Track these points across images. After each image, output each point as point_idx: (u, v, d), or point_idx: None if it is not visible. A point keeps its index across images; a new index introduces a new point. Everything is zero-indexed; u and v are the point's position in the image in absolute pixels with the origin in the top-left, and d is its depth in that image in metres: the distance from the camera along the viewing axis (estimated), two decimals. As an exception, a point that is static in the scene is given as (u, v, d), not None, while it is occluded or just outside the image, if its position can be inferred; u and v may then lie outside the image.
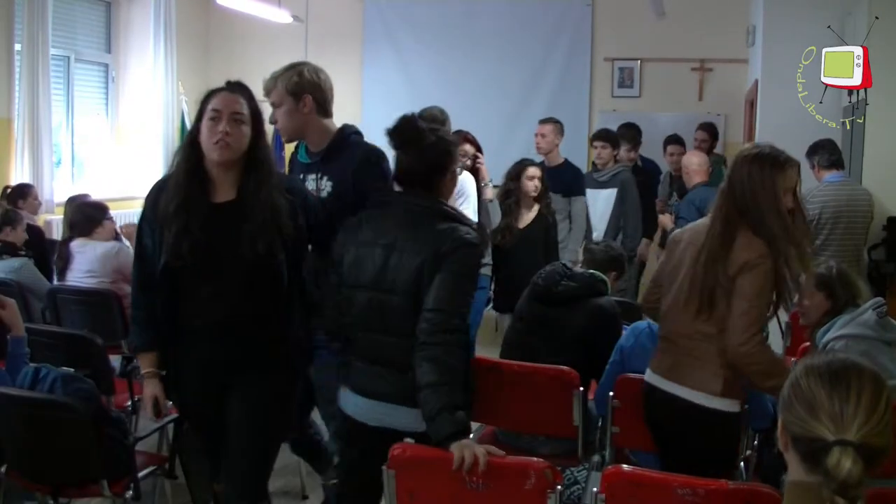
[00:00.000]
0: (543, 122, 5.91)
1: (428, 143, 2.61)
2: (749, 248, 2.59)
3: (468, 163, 4.86)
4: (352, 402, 2.68)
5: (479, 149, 5.03)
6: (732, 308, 2.57)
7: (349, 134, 3.10)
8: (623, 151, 6.56)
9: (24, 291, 4.78)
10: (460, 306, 2.50)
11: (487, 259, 4.96)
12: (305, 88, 3.07)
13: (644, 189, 6.37)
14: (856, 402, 1.44)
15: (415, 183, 2.62)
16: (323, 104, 3.09)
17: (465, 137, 4.96)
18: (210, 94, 2.70)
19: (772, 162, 2.74)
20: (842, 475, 1.39)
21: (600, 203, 6.11)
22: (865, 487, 1.41)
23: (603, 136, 6.28)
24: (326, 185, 3.03)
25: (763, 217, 2.62)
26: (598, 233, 5.97)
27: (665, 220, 6.16)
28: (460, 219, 2.63)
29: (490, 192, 5.10)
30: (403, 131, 2.62)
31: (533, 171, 5.16)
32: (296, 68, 3.15)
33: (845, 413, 1.43)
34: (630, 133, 6.85)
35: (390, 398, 2.58)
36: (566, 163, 5.83)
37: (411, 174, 2.62)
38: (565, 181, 5.64)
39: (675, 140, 6.98)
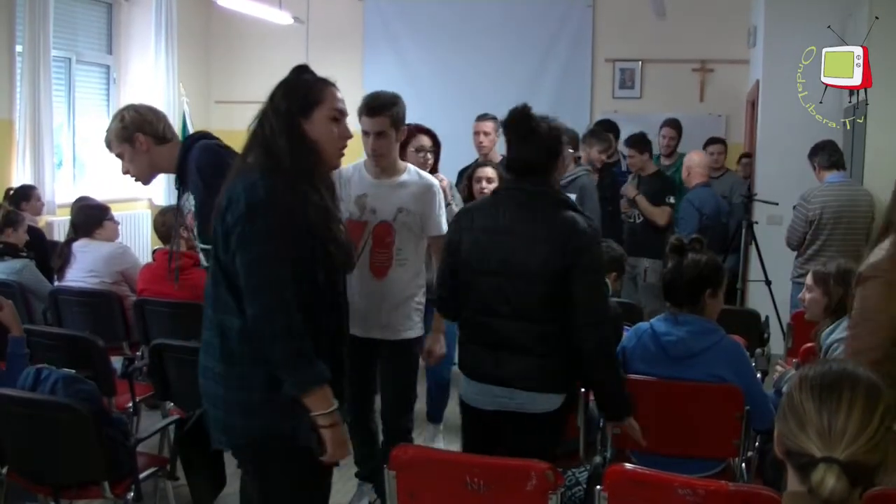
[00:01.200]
0: (483, 118, 5.47)
1: (542, 133, 2.84)
2: None
3: (429, 158, 4.41)
4: (469, 389, 2.90)
5: (437, 142, 4.53)
6: None
7: (190, 145, 3.04)
8: (595, 152, 6.23)
9: (26, 293, 4.79)
10: (603, 299, 2.78)
11: None
12: (132, 130, 3.07)
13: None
14: (845, 418, 1.41)
15: (529, 171, 2.80)
16: (155, 135, 3.08)
17: (420, 129, 4.41)
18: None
19: None
20: (825, 493, 1.37)
21: None
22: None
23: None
24: (189, 201, 3.02)
25: None
26: None
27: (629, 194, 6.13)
28: (574, 206, 2.84)
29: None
30: (519, 124, 2.87)
31: (483, 171, 4.72)
32: (117, 116, 3.15)
33: (833, 429, 1.40)
34: (601, 132, 6.51)
35: (514, 382, 2.77)
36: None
37: (529, 163, 2.81)
38: None
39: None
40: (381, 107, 3.40)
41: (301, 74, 2.41)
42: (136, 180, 3.15)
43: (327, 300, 2.32)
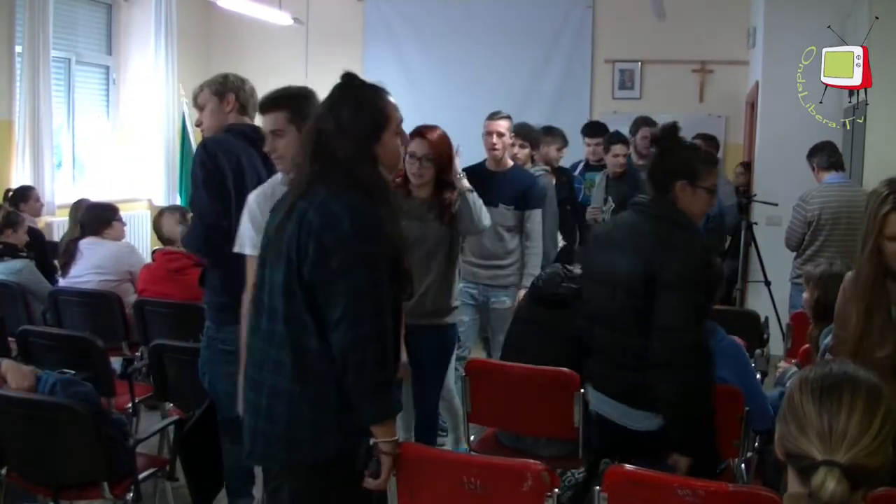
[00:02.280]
0: (496, 116, 4.79)
1: (675, 151, 2.85)
2: None
3: (424, 167, 4.32)
4: (593, 398, 2.96)
5: (441, 150, 4.50)
6: None
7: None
8: (553, 150, 5.85)
9: (25, 293, 4.80)
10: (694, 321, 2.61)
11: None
12: (229, 88, 3.38)
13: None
14: (846, 420, 1.40)
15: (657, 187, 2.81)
16: (244, 104, 3.36)
17: (420, 131, 4.29)
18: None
19: None
20: (825, 497, 1.36)
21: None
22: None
23: (516, 132, 5.12)
24: None
25: None
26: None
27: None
28: (690, 227, 2.78)
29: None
30: (664, 137, 2.92)
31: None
32: (222, 74, 3.46)
33: (834, 431, 1.40)
34: (559, 130, 6.07)
35: (619, 397, 2.80)
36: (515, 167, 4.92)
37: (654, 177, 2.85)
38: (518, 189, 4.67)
39: (620, 139, 6.11)
40: (276, 100, 2.89)
41: (358, 90, 2.32)
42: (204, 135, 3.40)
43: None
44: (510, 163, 4.81)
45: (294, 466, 2.30)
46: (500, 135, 4.66)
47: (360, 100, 2.29)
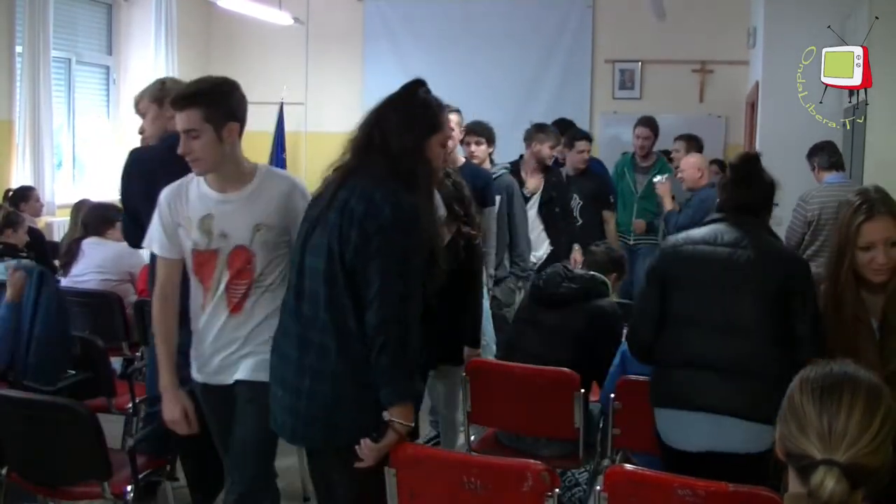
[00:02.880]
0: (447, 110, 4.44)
1: (766, 180, 2.81)
2: None
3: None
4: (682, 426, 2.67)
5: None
6: None
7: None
8: (546, 148, 5.51)
9: (25, 293, 4.79)
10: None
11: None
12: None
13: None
14: (846, 420, 1.40)
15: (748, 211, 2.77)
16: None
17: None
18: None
19: None
20: (824, 496, 1.36)
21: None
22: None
23: (472, 129, 4.90)
24: None
25: None
26: None
27: (576, 255, 5.25)
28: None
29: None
30: (745, 166, 2.84)
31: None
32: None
33: (834, 431, 1.40)
34: (550, 127, 5.68)
35: (743, 412, 2.56)
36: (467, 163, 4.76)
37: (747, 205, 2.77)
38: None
39: (584, 135, 6.11)
40: (189, 97, 2.63)
41: (423, 94, 2.46)
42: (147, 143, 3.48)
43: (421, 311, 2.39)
44: (461, 160, 4.69)
45: (333, 446, 2.42)
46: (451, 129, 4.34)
47: (420, 101, 2.44)
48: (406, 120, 2.38)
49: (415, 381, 2.36)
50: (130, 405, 4.02)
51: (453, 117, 4.56)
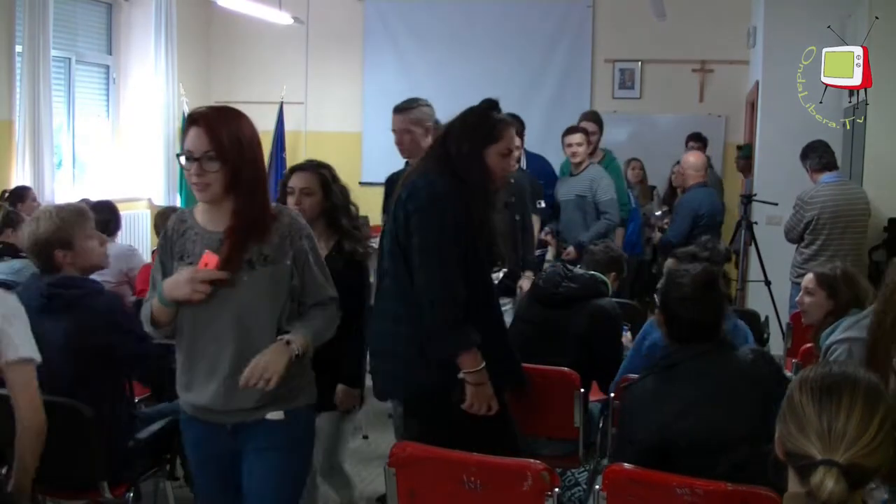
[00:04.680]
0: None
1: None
2: None
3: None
4: None
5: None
6: None
7: None
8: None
9: (25, 293, 4.79)
10: None
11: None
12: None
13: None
14: (845, 420, 1.41)
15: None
16: None
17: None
18: None
19: None
20: (823, 496, 1.37)
21: None
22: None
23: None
24: None
25: None
26: None
27: (524, 283, 4.33)
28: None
29: None
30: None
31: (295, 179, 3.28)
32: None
33: (833, 431, 1.40)
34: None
35: None
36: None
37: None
38: None
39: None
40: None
41: (490, 111, 2.85)
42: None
43: (482, 294, 2.78)
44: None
45: (412, 398, 2.87)
46: (407, 132, 3.92)
47: (483, 115, 2.84)
48: (466, 129, 2.80)
49: (467, 331, 2.63)
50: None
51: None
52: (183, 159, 2.30)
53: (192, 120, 2.32)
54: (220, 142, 2.26)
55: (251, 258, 2.31)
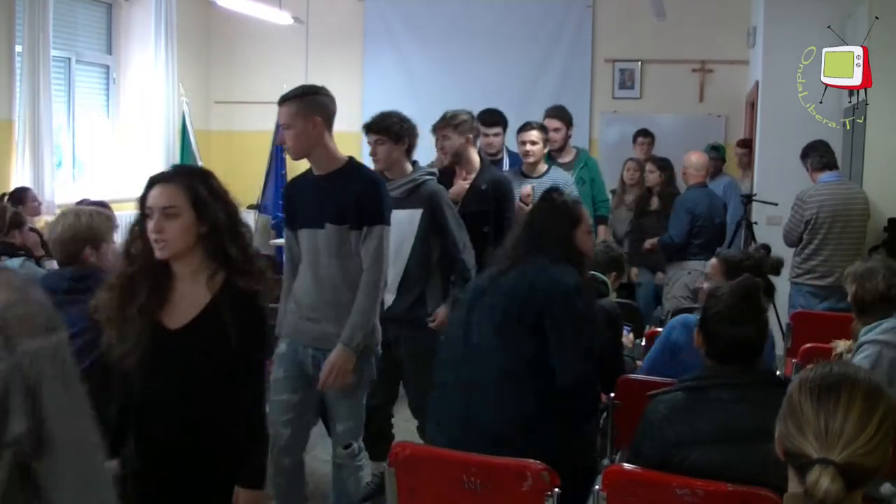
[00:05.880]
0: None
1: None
2: None
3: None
4: None
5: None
6: None
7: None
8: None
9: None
10: None
11: None
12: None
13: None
14: (843, 420, 1.41)
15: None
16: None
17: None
18: None
19: None
20: (819, 494, 1.37)
21: (403, 228, 3.85)
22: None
23: (374, 126, 4.03)
24: None
25: None
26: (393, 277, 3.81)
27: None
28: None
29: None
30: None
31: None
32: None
33: (830, 430, 1.40)
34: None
35: None
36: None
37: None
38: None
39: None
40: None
41: (558, 197, 3.11)
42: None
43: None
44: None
45: None
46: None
47: (555, 204, 3.07)
48: (550, 218, 3.00)
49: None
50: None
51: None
52: None
53: None
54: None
55: None
